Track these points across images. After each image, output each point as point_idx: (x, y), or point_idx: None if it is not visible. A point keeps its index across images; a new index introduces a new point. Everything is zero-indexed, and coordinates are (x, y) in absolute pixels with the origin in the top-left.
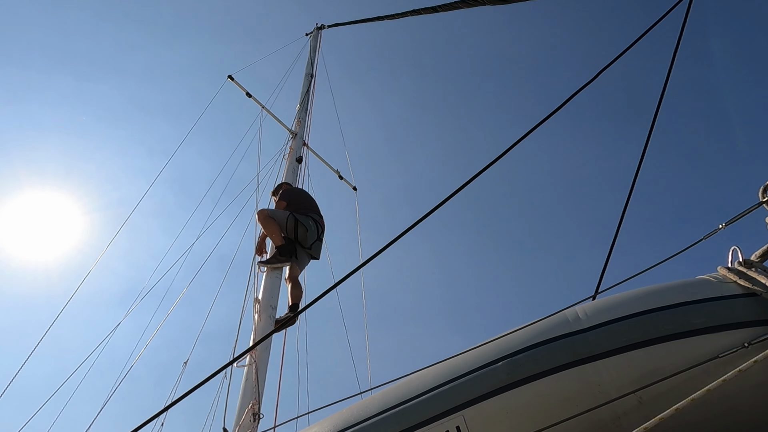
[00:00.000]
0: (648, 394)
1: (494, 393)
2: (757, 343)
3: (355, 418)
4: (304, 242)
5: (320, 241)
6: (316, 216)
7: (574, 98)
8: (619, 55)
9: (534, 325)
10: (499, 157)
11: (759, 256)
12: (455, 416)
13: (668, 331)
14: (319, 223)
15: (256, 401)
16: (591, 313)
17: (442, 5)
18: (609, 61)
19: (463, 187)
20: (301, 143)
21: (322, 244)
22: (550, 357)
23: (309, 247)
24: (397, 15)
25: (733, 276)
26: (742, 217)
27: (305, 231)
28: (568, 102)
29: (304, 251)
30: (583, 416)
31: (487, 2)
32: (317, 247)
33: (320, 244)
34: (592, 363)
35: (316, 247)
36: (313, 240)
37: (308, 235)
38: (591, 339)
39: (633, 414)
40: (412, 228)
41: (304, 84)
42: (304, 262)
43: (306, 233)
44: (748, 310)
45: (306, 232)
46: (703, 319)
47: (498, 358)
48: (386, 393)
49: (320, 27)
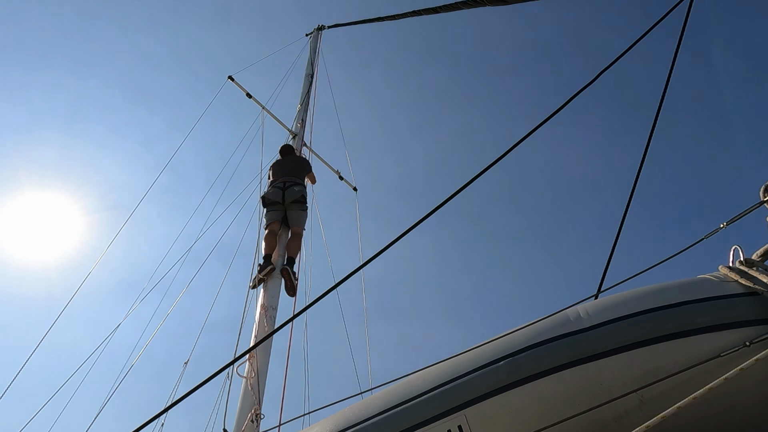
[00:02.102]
0: (649, 393)
1: (496, 392)
2: (758, 342)
3: (356, 418)
4: (280, 200)
5: (291, 187)
6: (277, 181)
7: (576, 97)
8: (618, 57)
9: (535, 325)
10: (495, 162)
11: (760, 256)
12: (457, 415)
13: (670, 330)
14: (277, 186)
15: (257, 404)
16: (592, 312)
17: (443, 6)
18: (609, 63)
19: (459, 192)
20: (302, 143)
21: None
22: (552, 356)
23: (284, 200)
24: (398, 16)
25: (735, 275)
26: (743, 217)
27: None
28: (568, 103)
29: (291, 208)
30: (585, 415)
31: (487, 3)
32: (290, 193)
33: (293, 188)
34: (594, 362)
35: (289, 193)
36: (280, 196)
37: (275, 196)
38: (592, 338)
39: (634, 413)
40: (411, 229)
41: (304, 84)
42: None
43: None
44: (750, 309)
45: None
46: (704, 318)
47: (499, 357)
48: (388, 392)
49: (320, 28)
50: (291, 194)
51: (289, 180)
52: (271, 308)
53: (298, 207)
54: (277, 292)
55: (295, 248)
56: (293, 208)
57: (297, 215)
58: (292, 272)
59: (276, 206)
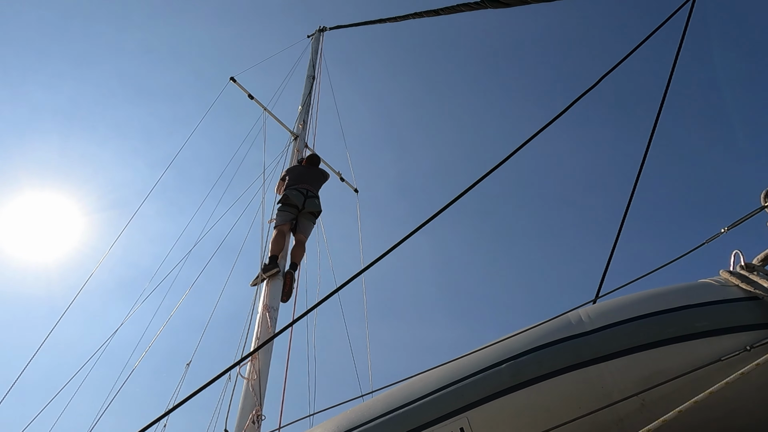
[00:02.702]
0: (651, 397)
1: (498, 395)
2: (759, 346)
3: (359, 420)
4: (300, 205)
5: (312, 199)
6: (300, 186)
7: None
8: (619, 62)
9: (537, 328)
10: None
11: (761, 260)
12: (459, 418)
13: (671, 334)
14: (300, 191)
15: (258, 405)
16: (594, 315)
17: (444, 8)
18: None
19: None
20: (303, 145)
21: (315, 200)
22: (554, 359)
23: (303, 207)
24: (399, 18)
25: (735, 280)
26: (744, 221)
27: (294, 198)
28: (569, 108)
29: (304, 216)
30: (586, 418)
31: (488, 5)
32: (311, 203)
33: (314, 200)
34: (595, 365)
35: (310, 203)
36: (301, 201)
37: (296, 200)
38: (594, 342)
39: (635, 416)
40: (413, 233)
41: (305, 86)
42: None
43: (295, 199)
44: (750, 313)
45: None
46: (705, 322)
47: (501, 360)
48: (390, 394)
49: (322, 29)
50: (311, 205)
51: (311, 190)
52: (272, 309)
53: (311, 218)
54: (278, 293)
55: (300, 255)
56: (307, 217)
57: (307, 225)
58: (294, 279)
59: (292, 209)
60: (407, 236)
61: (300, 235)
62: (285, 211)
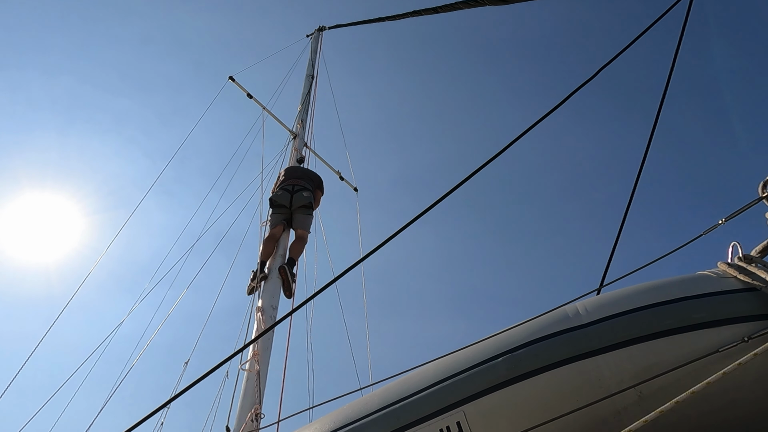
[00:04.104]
0: (648, 389)
1: (495, 388)
2: (757, 337)
3: (355, 415)
4: (287, 204)
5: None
6: (287, 183)
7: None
8: (617, 54)
9: (534, 321)
10: (490, 161)
11: (759, 252)
12: (455, 412)
13: (668, 326)
14: (286, 188)
15: (257, 402)
16: (591, 308)
17: (443, 6)
18: (608, 60)
19: (456, 188)
20: (303, 144)
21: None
22: (551, 352)
23: (291, 204)
24: (398, 16)
25: (733, 271)
26: (741, 213)
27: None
28: (567, 100)
29: (298, 211)
30: (584, 411)
31: (487, 2)
32: (298, 198)
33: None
34: (593, 358)
35: (297, 198)
36: (287, 199)
37: (282, 200)
38: (591, 334)
39: (633, 408)
40: (410, 223)
41: (305, 85)
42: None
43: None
44: (748, 304)
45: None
46: (703, 313)
47: (498, 353)
48: (386, 389)
49: (321, 28)
50: (299, 200)
51: (298, 184)
52: (270, 308)
53: (305, 211)
54: (277, 292)
55: (298, 251)
56: (300, 211)
57: (303, 219)
58: (291, 273)
59: (282, 209)
60: (408, 223)
61: (298, 230)
62: (275, 213)
